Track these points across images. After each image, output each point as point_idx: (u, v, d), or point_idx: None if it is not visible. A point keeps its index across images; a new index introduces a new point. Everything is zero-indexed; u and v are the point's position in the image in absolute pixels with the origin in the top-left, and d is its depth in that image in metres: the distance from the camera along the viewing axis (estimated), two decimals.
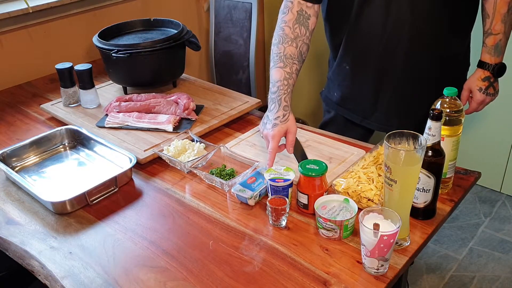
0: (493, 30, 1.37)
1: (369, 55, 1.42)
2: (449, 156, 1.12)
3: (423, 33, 1.35)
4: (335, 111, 1.61)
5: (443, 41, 1.39)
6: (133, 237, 1.09)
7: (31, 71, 1.96)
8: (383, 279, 0.94)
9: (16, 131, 1.55)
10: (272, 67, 1.31)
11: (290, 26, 1.31)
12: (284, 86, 1.28)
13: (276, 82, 1.28)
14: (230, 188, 1.19)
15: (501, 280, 2.08)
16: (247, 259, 1.01)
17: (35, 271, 1.04)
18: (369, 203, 1.10)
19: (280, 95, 1.27)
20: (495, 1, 1.34)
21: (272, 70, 1.30)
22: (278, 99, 1.27)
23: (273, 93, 1.28)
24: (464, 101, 1.49)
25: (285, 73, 1.28)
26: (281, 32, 1.31)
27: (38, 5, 1.89)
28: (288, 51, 1.30)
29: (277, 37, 1.32)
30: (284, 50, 1.30)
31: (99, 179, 1.20)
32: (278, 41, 1.31)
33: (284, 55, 1.29)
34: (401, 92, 1.44)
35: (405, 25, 1.33)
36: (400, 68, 1.40)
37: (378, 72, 1.43)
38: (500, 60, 1.41)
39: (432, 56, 1.39)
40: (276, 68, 1.29)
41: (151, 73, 1.71)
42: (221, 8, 2.50)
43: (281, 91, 1.27)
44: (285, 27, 1.31)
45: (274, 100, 1.27)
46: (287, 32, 1.31)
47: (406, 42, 1.36)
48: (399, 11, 1.31)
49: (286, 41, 1.30)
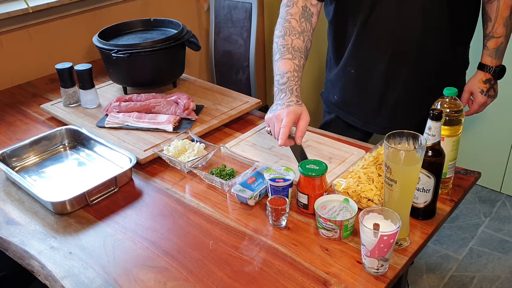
0: (495, 33, 1.38)
1: (377, 59, 1.40)
2: (449, 156, 1.12)
3: (433, 36, 1.35)
4: (335, 113, 1.60)
5: (450, 44, 1.39)
6: (133, 237, 1.09)
7: (31, 71, 1.96)
8: (383, 279, 0.94)
9: (16, 131, 1.55)
10: (279, 59, 1.25)
11: (297, 19, 1.28)
12: (294, 77, 1.22)
13: (285, 73, 1.22)
14: (230, 188, 1.19)
15: (501, 280, 2.08)
16: (247, 259, 1.01)
17: (35, 271, 1.04)
18: (369, 203, 1.10)
19: (292, 85, 1.21)
20: (497, 5, 1.34)
21: (279, 61, 1.25)
22: (289, 89, 1.21)
23: (283, 84, 1.22)
24: (464, 103, 1.49)
25: (294, 65, 1.24)
26: (287, 24, 1.28)
27: (38, 5, 1.89)
28: (296, 43, 1.26)
29: (283, 29, 1.28)
30: (292, 42, 1.26)
31: (99, 179, 1.20)
32: (284, 33, 1.27)
33: (292, 47, 1.25)
34: (407, 96, 1.43)
35: (415, 28, 1.32)
36: (407, 72, 1.39)
37: (385, 76, 1.41)
38: (501, 63, 1.42)
39: (436, 58, 1.39)
40: (284, 59, 1.24)
41: (151, 73, 1.71)
42: (221, 8, 2.50)
43: (292, 82, 1.22)
44: (291, 19, 1.28)
45: (284, 90, 1.21)
46: (294, 25, 1.27)
47: (415, 45, 1.35)
48: (410, 14, 1.31)
49: (293, 33, 1.26)
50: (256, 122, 1.54)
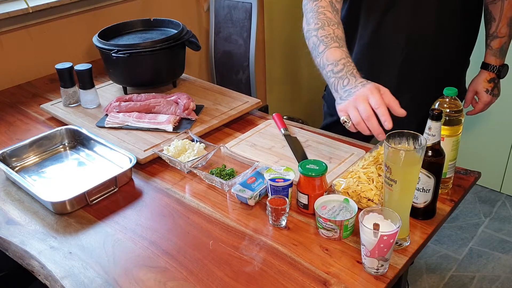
0: (499, 33, 1.38)
1: (390, 63, 1.39)
2: (449, 156, 1.12)
3: (445, 37, 1.34)
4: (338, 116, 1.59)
5: (460, 44, 1.39)
6: (133, 237, 1.09)
7: (31, 71, 1.96)
8: (383, 279, 0.94)
9: (16, 131, 1.55)
10: (325, 49, 1.17)
11: (330, 11, 1.22)
12: (349, 63, 1.13)
13: (339, 61, 1.13)
14: (230, 188, 1.19)
15: (501, 280, 2.08)
16: (247, 259, 1.01)
17: (35, 271, 1.04)
18: (369, 203, 1.10)
19: (350, 69, 1.12)
20: (502, 5, 1.35)
21: (326, 51, 1.16)
22: (349, 73, 1.11)
23: (339, 71, 1.12)
24: (468, 102, 1.50)
25: (343, 52, 1.16)
26: (323, 16, 1.21)
27: (38, 5, 1.89)
28: (338, 33, 1.19)
29: (319, 21, 1.21)
30: (334, 31, 1.18)
31: (99, 179, 1.20)
32: (323, 24, 1.20)
33: (335, 36, 1.18)
34: (417, 101, 1.42)
35: (430, 30, 1.32)
36: (419, 75, 1.39)
37: (397, 79, 1.40)
38: (504, 62, 1.43)
39: (448, 60, 1.40)
40: (332, 48, 1.16)
41: (151, 73, 1.71)
42: (221, 8, 2.50)
43: (349, 67, 1.12)
44: (325, 11, 1.22)
45: (344, 76, 1.11)
46: (330, 16, 1.21)
47: (429, 46, 1.34)
48: (425, 14, 1.30)
49: (332, 23, 1.20)
50: (256, 122, 1.54)
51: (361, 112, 1.03)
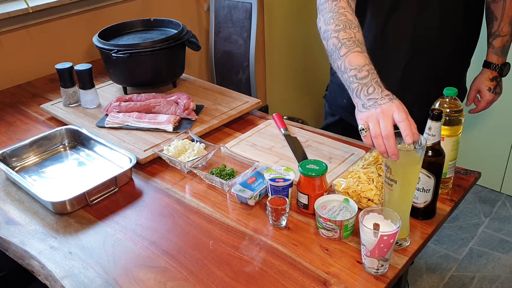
0: (501, 32, 1.39)
1: (394, 64, 1.39)
2: (449, 156, 1.12)
3: (449, 37, 1.34)
4: (339, 116, 1.59)
5: (462, 44, 1.40)
6: (133, 237, 1.09)
7: (31, 71, 1.96)
8: (383, 279, 0.94)
9: (16, 131, 1.55)
10: (347, 53, 1.15)
11: (350, 13, 1.21)
12: (373, 69, 1.13)
13: (363, 67, 1.12)
14: (230, 188, 1.19)
15: (501, 280, 2.08)
16: (247, 259, 1.01)
17: (35, 271, 1.04)
18: (369, 203, 1.10)
19: (375, 77, 1.11)
20: (503, 4, 1.35)
21: (349, 55, 1.15)
22: (374, 81, 1.10)
23: (364, 77, 1.11)
24: (471, 101, 1.50)
25: (367, 58, 1.15)
26: (344, 18, 1.20)
27: (38, 5, 1.89)
28: (359, 37, 1.18)
29: (340, 22, 1.19)
30: (355, 35, 1.17)
31: (99, 179, 1.20)
32: (344, 26, 1.18)
33: (357, 39, 1.17)
34: (419, 101, 1.42)
35: (434, 31, 1.32)
36: (422, 74, 1.39)
37: (401, 80, 1.40)
38: (505, 60, 1.43)
39: (451, 60, 1.40)
40: (355, 52, 1.14)
41: (151, 73, 1.71)
42: (221, 8, 2.50)
43: (373, 75, 1.12)
44: (346, 13, 1.20)
45: (369, 84, 1.10)
46: (351, 18, 1.20)
47: (433, 46, 1.34)
48: (429, 17, 1.30)
49: (352, 26, 1.19)
50: (256, 122, 1.54)
51: (383, 128, 1.01)
